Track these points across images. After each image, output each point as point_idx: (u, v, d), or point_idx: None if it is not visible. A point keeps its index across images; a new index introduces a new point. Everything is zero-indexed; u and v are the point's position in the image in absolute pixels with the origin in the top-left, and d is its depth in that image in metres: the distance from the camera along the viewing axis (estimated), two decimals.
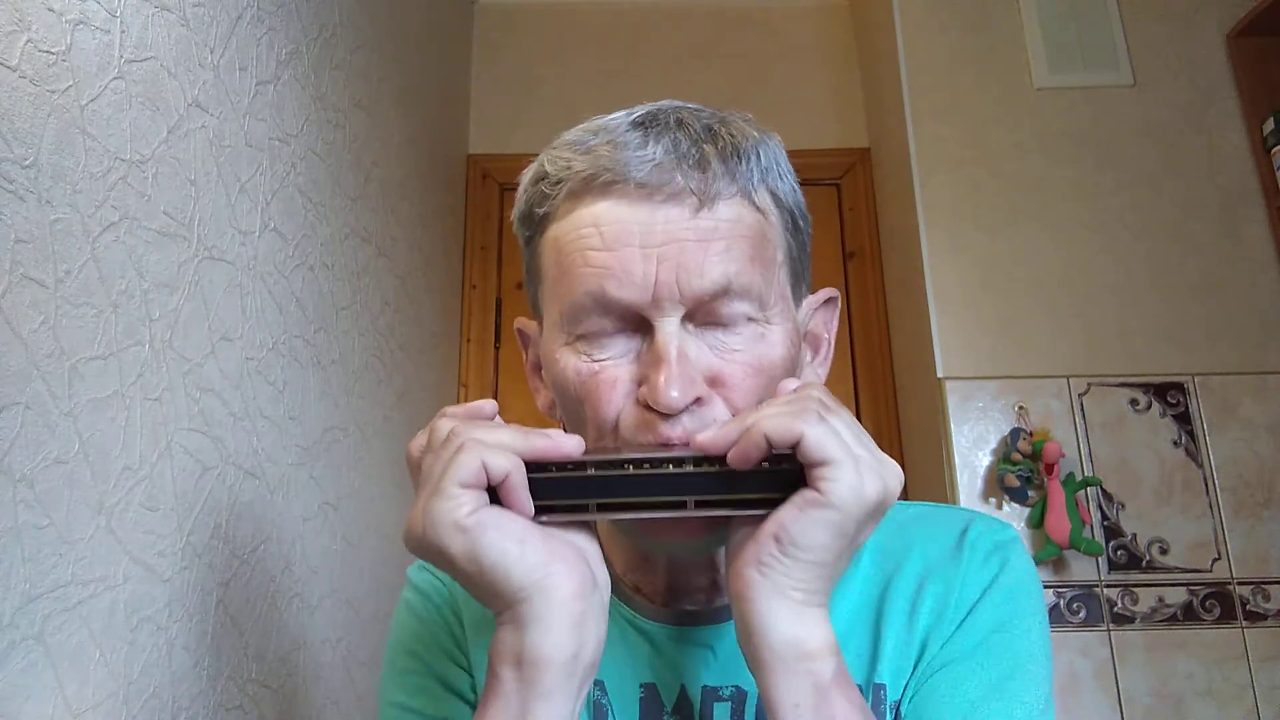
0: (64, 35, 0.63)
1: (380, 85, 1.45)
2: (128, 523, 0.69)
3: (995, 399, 1.63)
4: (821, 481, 0.43)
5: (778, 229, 0.55)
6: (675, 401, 0.48)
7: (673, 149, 0.52)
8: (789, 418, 0.44)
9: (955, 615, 0.55)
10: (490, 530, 0.44)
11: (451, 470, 0.44)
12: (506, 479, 0.45)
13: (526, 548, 0.45)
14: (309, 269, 1.11)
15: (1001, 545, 0.58)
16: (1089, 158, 1.77)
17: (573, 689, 0.45)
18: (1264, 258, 1.71)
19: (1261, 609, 1.52)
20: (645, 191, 0.51)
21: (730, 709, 0.57)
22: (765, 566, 0.44)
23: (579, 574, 0.46)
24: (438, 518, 0.44)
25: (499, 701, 0.45)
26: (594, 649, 0.46)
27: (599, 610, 0.47)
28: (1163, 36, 1.84)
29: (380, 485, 1.38)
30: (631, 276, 0.50)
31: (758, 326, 0.52)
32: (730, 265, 0.51)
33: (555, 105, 2.24)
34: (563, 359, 0.53)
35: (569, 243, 0.53)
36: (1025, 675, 0.53)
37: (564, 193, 0.53)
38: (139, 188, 0.72)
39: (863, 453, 0.45)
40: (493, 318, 2.12)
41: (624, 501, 0.46)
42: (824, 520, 0.43)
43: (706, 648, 0.58)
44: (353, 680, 1.20)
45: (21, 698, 0.57)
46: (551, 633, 0.44)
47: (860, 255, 2.13)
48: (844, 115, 2.25)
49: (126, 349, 0.69)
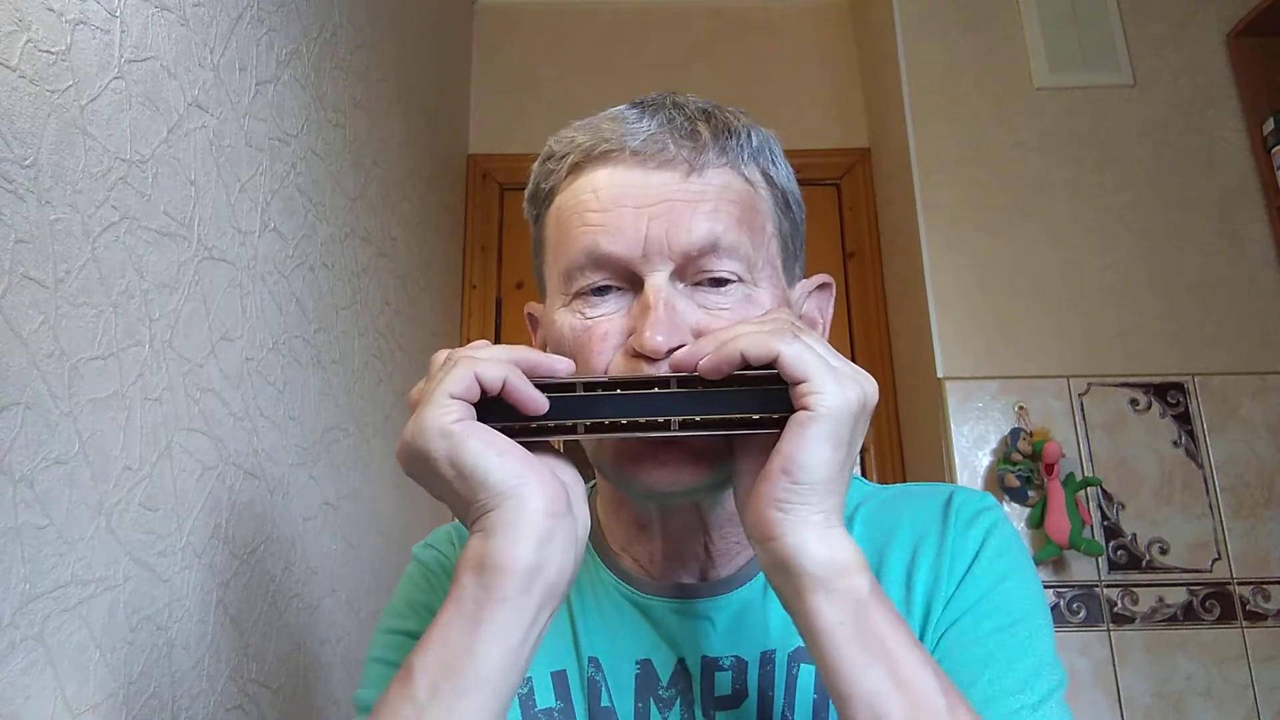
0: (64, 35, 0.63)
1: (380, 85, 1.45)
2: (128, 523, 0.69)
3: (995, 399, 1.63)
4: (807, 397, 0.45)
5: (767, 202, 0.58)
6: (660, 345, 0.50)
7: (667, 122, 0.56)
8: (765, 336, 0.46)
9: (953, 577, 0.57)
10: (472, 438, 0.46)
11: (444, 382, 0.47)
12: (505, 382, 0.47)
13: (506, 459, 0.47)
14: (309, 269, 1.11)
15: (983, 510, 0.60)
16: (1089, 158, 1.77)
17: (530, 603, 0.46)
18: (1264, 258, 1.71)
19: (1261, 609, 1.52)
20: (640, 159, 0.55)
21: (731, 678, 0.57)
22: (783, 502, 0.46)
23: (552, 491, 0.47)
24: (425, 423, 0.46)
25: (455, 605, 0.46)
26: (556, 570, 0.47)
27: (568, 535, 0.47)
28: (1163, 36, 1.84)
29: (380, 485, 1.38)
30: (624, 232, 0.53)
31: (745, 288, 0.54)
32: (717, 224, 0.53)
33: (555, 105, 2.24)
34: (560, 319, 0.56)
35: (569, 208, 0.56)
36: (1032, 624, 0.55)
37: (567, 165, 0.57)
38: (139, 188, 0.72)
39: (839, 364, 0.47)
40: (493, 318, 2.12)
41: (610, 422, 0.48)
42: (821, 434, 0.45)
43: (706, 620, 0.59)
44: (353, 680, 1.20)
45: (21, 698, 0.57)
46: (517, 541, 0.46)
47: (860, 255, 2.13)
48: (844, 115, 2.25)
49: (126, 349, 0.69)
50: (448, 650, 0.45)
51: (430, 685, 0.44)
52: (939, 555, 0.58)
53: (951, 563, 0.57)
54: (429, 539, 0.69)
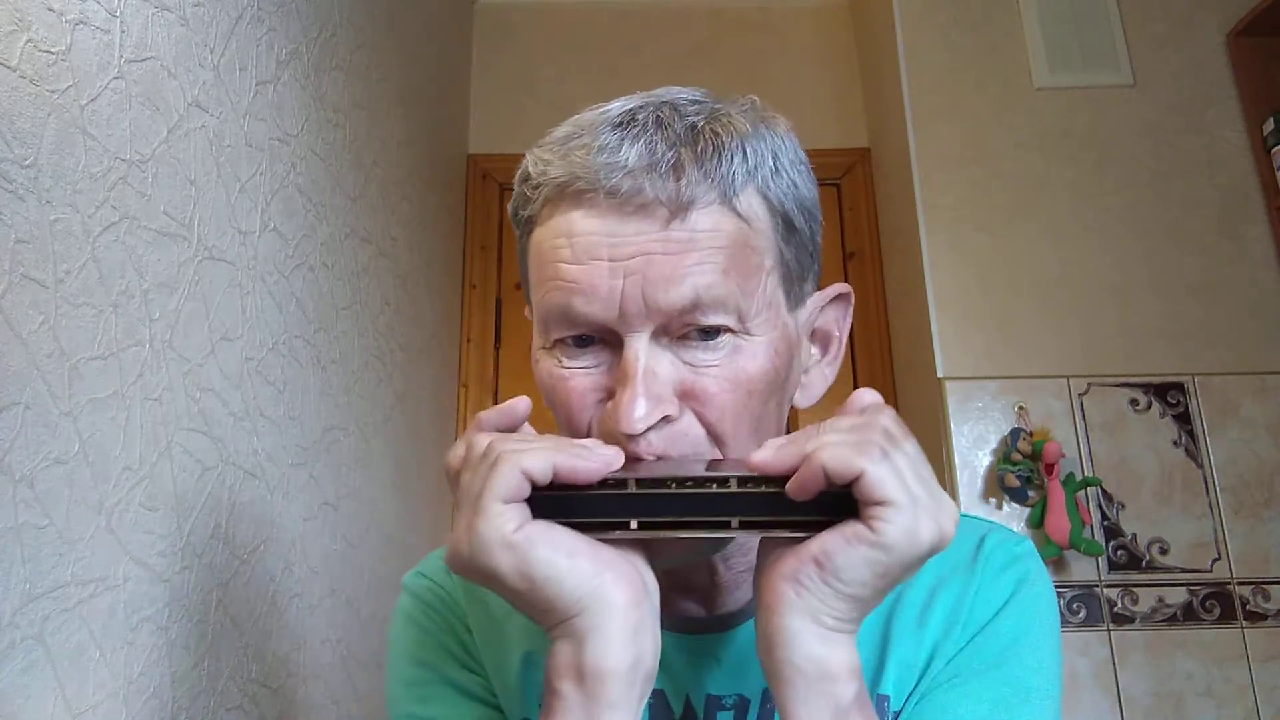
0: (64, 35, 0.63)
1: (380, 85, 1.45)
2: (128, 523, 0.69)
3: (995, 399, 1.63)
4: (875, 520, 0.42)
5: (765, 234, 0.53)
6: (637, 424, 0.47)
7: (646, 154, 0.50)
8: (850, 450, 0.42)
9: (966, 630, 0.54)
10: (539, 545, 0.43)
11: (491, 486, 0.43)
12: (555, 468, 0.44)
13: (577, 559, 0.44)
14: (309, 269, 1.11)
15: (1018, 559, 0.57)
16: (1089, 158, 1.77)
17: (635, 698, 0.44)
18: (1264, 258, 1.71)
19: (1261, 609, 1.52)
20: (615, 202, 0.50)
21: (733, 717, 0.56)
22: (801, 587, 0.43)
23: (632, 582, 0.45)
24: (484, 536, 0.43)
25: (563, 717, 0.44)
26: (652, 656, 0.45)
27: (652, 617, 0.46)
28: (1163, 36, 1.84)
29: (380, 485, 1.38)
30: (598, 291, 0.49)
31: (735, 339, 0.51)
32: (701, 278, 0.49)
33: (555, 105, 2.22)
34: (541, 361, 0.54)
35: (545, 252, 0.52)
36: (1035, 701, 0.52)
37: (541, 197, 0.53)
38: (139, 188, 0.72)
39: (921, 493, 0.43)
40: (493, 318, 2.12)
41: (666, 521, 0.45)
42: (871, 559, 0.42)
43: (711, 657, 0.58)
44: (353, 680, 1.20)
45: (21, 698, 0.57)
46: (611, 643, 0.43)
47: (860, 255, 2.13)
48: (844, 115, 2.25)
49: (126, 349, 0.69)
50: None
51: None
52: (958, 604, 0.55)
53: (969, 615, 0.55)
54: (421, 568, 0.66)
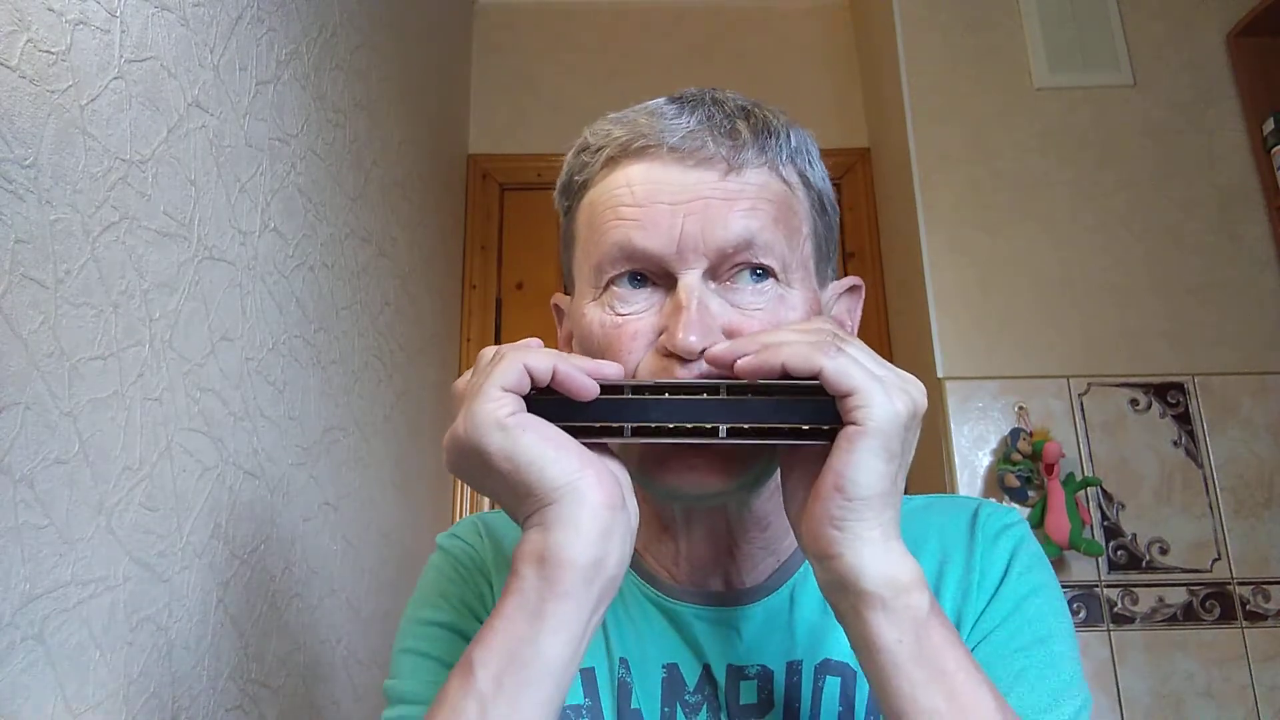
0: (64, 35, 0.63)
1: (380, 85, 1.45)
2: (128, 523, 0.69)
3: (995, 399, 1.63)
4: (855, 411, 0.44)
5: (804, 203, 0.57)
6: (693, 345, 0.49)
7: (706, 119, 0.55)
8: (807, 348, 0.45)
9: (984, 592, 0.57)
10: (529, 430, 0.46)
11: (494, 375, 0.46)
12: (555, 371, 0.47)
13: (562, 452, 0.46)
14: (309, 269, 1.11)
15: (1010, 525, 0.60)
16: (1089, 158, 1.77)
17: (590, 596, 0.46)
18: (1264, 258, 1.71)
19: (1261, 609, 1.52)
20: (678, 155, 0.54)
21: (757, 686, 0.57)
22: (839, 519, 0.45)
23: (610, 485, 0.47)
24: (479, 417, 0.46)
25: (517, 598, 0.46)
26: (615, 563, 0.47)
27: (625, 529, 0.47)
28: (1163, 36, 1.84)
29: (380, 485, 1.38)
30: (659, 228, 0.52)
31: (779, 287, 0.54)
32: (753, 222, 0.53)
33: (555, 105, 2.24)
34: (589, 314, 0.55)
35: (603, 202, 0.55)
36: (1060, 641, 0.55)
37: (602, 158, 0.57)
38: (139, 188, 0.72)
39: (884, 373, 0.46)
40: (493, 318, 2.12)
41: (658, 426, 0.48)
42: (871, 449, 0.44)
43: (733, 629, 0.59)
44: (353, 680, 1.20)
45: (21, 698, 0.57)
46: (579, 536, 0.45)
47: (860, 255, 2.13)
48: (844, 115, 2.25)
49: (126, 349, 0.69)
50: (511, 643, 0.45)
51: (494, 679, 0.44)
52: (968, 570, 0.58)
53: (981, 578, 0.57)
54: (455, 530, 0.68)
